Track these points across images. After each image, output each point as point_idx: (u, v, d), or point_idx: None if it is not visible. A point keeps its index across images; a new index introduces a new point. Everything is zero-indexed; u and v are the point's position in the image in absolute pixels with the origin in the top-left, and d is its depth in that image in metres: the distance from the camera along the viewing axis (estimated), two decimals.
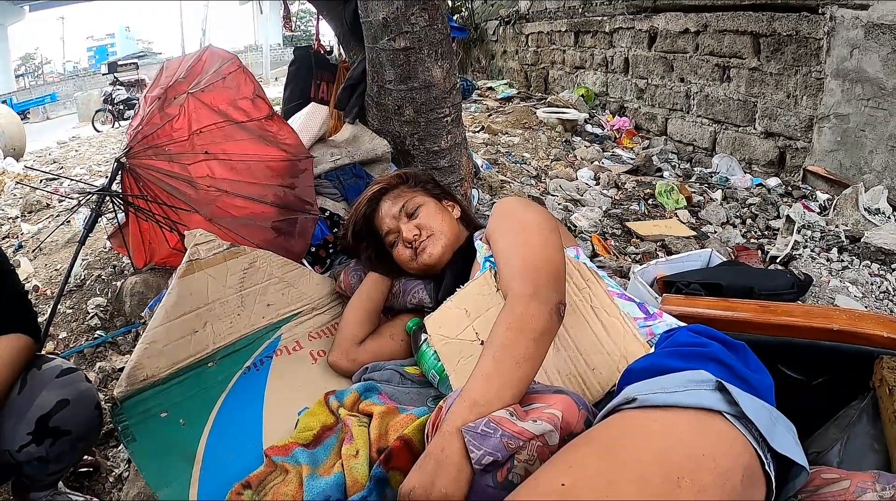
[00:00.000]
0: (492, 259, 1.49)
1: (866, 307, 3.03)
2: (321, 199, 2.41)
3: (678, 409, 0.97)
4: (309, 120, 2.59)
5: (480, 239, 1.63)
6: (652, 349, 1.31)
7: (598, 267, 1.56)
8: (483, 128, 6.20)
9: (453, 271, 1.68)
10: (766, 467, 0.95)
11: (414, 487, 0.98)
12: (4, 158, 6.49)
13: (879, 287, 3.25)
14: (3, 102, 14.59)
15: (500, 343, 1.15)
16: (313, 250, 2.36)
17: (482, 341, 1.37)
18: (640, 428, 0.97)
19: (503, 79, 9.76)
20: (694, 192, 4.80)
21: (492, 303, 1.41)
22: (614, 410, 1.02)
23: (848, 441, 1.39)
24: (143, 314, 2.54)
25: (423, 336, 1.58)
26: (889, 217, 4.06)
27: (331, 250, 2.40)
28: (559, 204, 4.32)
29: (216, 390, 1.64)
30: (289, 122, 2.48)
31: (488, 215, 1.57)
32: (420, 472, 1.00)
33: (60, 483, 1.86)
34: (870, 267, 3.44)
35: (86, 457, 2.05)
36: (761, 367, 1.18)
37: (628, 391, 1.04)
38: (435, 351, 1.47)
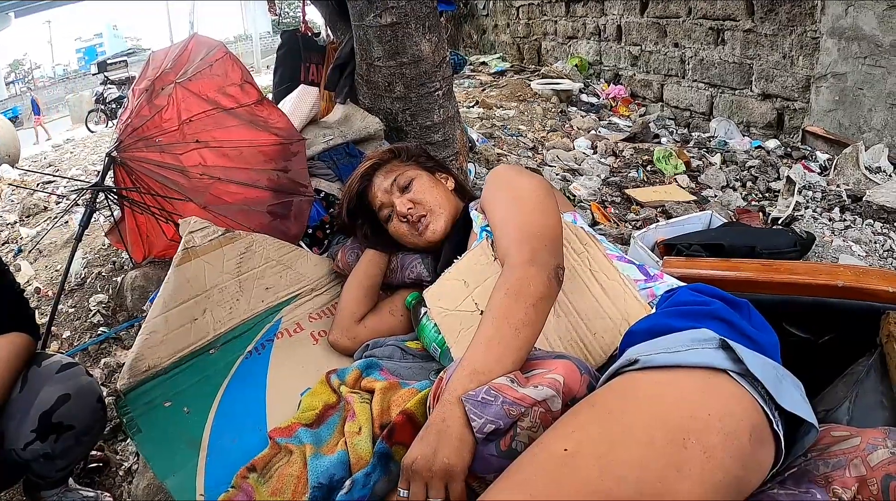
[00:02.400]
0: (488, 229, 1.47)
1: (870, 265, 3.01)
2: (315, 180, 2.39)
3: (681, 369, 0.96)
4: (299, 102, 2.57)
5: (476, 209, 1.61)
6: (653, 310, 1.29)
7: (599, 234, 1.54)
8: (477, 102, 6.17)
9: (452, 242, 1.66)
10: (774, 425, 0.93)
11: (416, 458, 0.97)
12: (0, 165, 6.47)
13: (883, 246, 3.23)
14: None
15: (499, 310, 1.14)
16: (310, 231, 2.35)
17: (482, 311, 1.35)
18: (643, 390, 0.95)
19: (496, 53, 9.68)
20: (692, 157, 4.77)
21: (490, 272, 1.40)
22: (617, 373, 1.01)
23: (857, 399, 1.37)
24: (144, 308, 2.54)
25: (423, 310, 1.57)
26: (890, 175, 4.02)
27: (328, 231, 2.39)
28: (557, 174, 4.29)
29: (218, 376, 1.63)
30: (279, 105, 2.46)
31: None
32: (422, 443, 0.99)
33: (71, 480, 1.86)
34: (872, 226, 3.42)
35: (95, 452, 2.05)
36: (766, 324, 1.16)
37: (630, 352, 1.03)
38: (435, 324, 1.46)
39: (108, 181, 2.35)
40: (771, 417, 0.93)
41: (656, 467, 0.84)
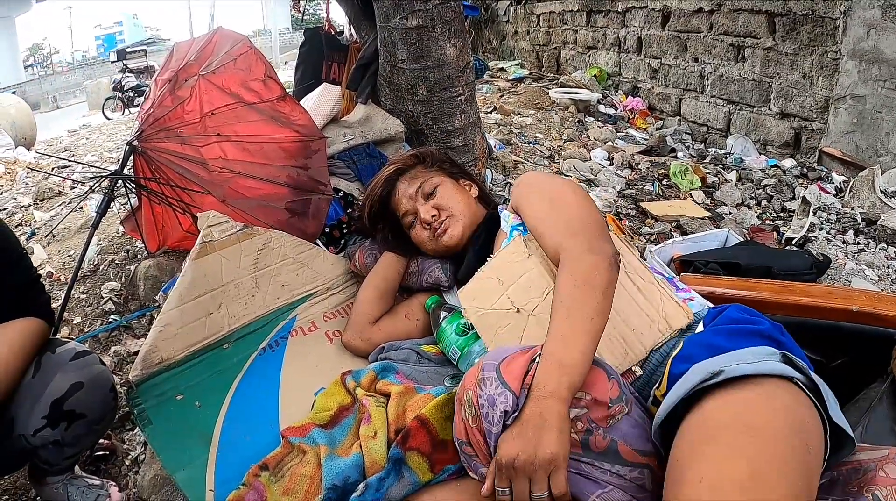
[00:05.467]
0: (520, 228, 1.49)
1: (882, 291, 2.99)
2: (335, 179, 2.39)
3: (767, 378, 1.01)
4: (321, 101, 2.57)
5: (507, 209, 1.62)
6: (690, 310, 1.33)
7: None
8: (495, 108, 6.15)
9: (475, 247, 1.65)
10: (826, 435, 1.00)
11: (518, 454, 0.99)
12: (16, 147, 6.49)
13: None
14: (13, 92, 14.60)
15: (570, 302, 1.17)
16: (327, 230, 2.35)
17: (518, 308, 1.37)
18: (759, 402, 0.99)
19: (515, 59, 9.66)
20: (708, 173, 4.74)
21: (525, 269, 1.41)
22: (700, 385, 1.04)
23: (869, 424, 1.37)
24: (157, 298, 2.54)
25: (443, 314, 1.57)
26: None
27: (345, 231, 2.39)
28: None
29: (232, 371, 1.64)
30: (301, 103, 2.46)
31: (502, 195, 1.57)
32: (520, 440, 1.01)
33: (77, 467, 1.86)
34: (886, 250, 3.39)
35: (102, 441, 2.05)
36: (797, 345, 1.20)
37: (708, 365, 1.06)
38: (458, 325, 1.46)
39: (128, 170, 2.36)
40: (825, 427, 1.00)
41: (807, 472, 0.92)
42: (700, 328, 1.30)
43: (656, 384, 1.21)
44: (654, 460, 1.07)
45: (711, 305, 1.39)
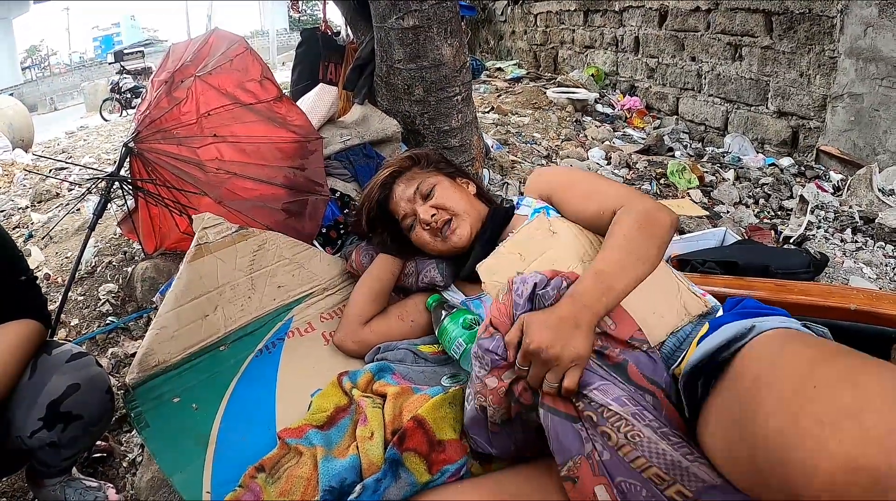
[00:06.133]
0: (542, 210, 1.53)
1: (880, 289, 2.99)
2: (331, 180, 2.39)
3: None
4: (318, 101, 2.57)
5: (527, 196, 1.65)
6: (707, 300, 1.35)
7: None
8: (493, 108, 6.15)
9: (482, 243, 1.64)
10: None
11: (549, 345, 1.07)
12: (13, 149, 6.49)
13: (894, 269, 3.21)
14: (10, 94, 14.57)
15: (632, 237, 1.24)
16: (324, 231, 2.34)
17: None
18: (799, 336, 1.02)
19: (512, 59, 9.67)
20: (706, 172, 4.75)
21: (547, 246, 1.42)
22: (730, 343, 1.04)
23: None
24: (154, 300, 2.54)
25: (443, 313, 1.56)
26: None
27: (342, 232, 2.39)
28: None
29: (228, 373, 1.63)
30: (297, 103, 2.46)
31: (500, 195, 1.57)
32: (554, 332, 1.08)
33: (74, 469, 1.86)
34: (884, 248, 3.39)
35: (99, 443, 2.05)
36: None
37: (738, 324, 1.07)
38: (465, 319, 1.46)
39: (124, 172, 2.35)
40: None
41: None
42: (721, 313, 1.30)
43: (675, 363, 1.20)
44: (661, 392, 1.10)
45: (718, 302, 1.39)
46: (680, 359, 1.18)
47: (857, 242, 3.48)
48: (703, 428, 1.01)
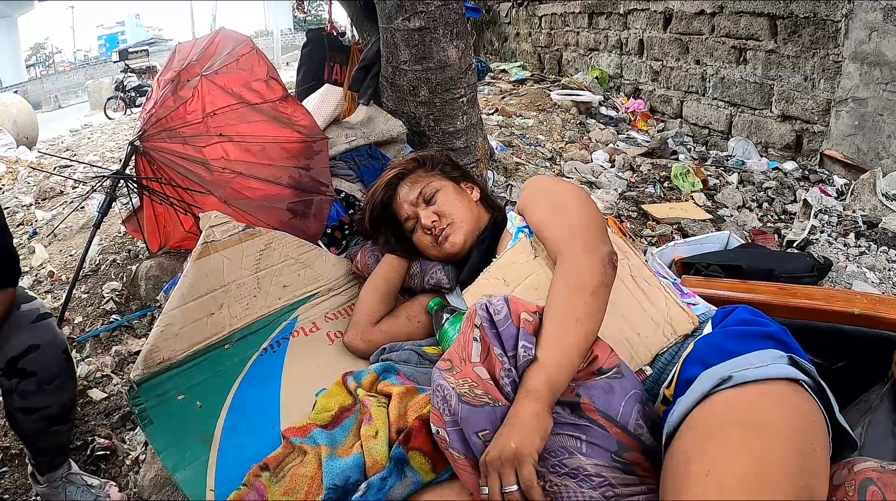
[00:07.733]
0: (525, 229, 1.51)
1: (883, 293, 2.99)
2: (336, 180, 2.39)
3: (775, 381, 1.03)
4: (323, 101, 2.57)
5: (513, 211, 1.63)
6: (695, 316, 1.35)
7: None
8: (497, 110, 6.15)
9: (479, 250, 1.65)
10: (829, 437, 1.02)
11: (489, 451, 1.04)
12: (17, 146, 6.48)
13: None
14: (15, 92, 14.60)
15: (560, 303, 1.21)
16: (329, 231, 2.35)
17: None
18: (767, 401, 1.01)
19: (516, 61, 9.65)
20: (710, 175, 4.74)
21: (530, 270, 1.42)
22: (710, 393, 1.05)
23: (869, 427, 1.37)
24: (158, 298, 2.54)
25: (445, 316, 1.57)
26: None
27: (346, 232, 2.39)
28: None
29: (233, 372, 1.64)
30: (303, 103, 2.46)
31: (504, 197, 1.57)
32: (497, 440, 1.05)
33: (76, 466, 1.86)
34: (887, 253, 3.39)
35: (102, 440, 2.05)
36: (801, 348, 1.21)
37: (718, 371, 1.07)
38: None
39: (130, 170, 2.36)
40: (829, 429, 1.03)
41: (811, 473, 0.93)
42: (708, 328, 1.31)
43: (665, 383, 1.22)
44: (611, 424, 1.09)
45: (715, 308, 1.40)
46: (668, 381, 1.21)
47: (860, 246, 3.48)
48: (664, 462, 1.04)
